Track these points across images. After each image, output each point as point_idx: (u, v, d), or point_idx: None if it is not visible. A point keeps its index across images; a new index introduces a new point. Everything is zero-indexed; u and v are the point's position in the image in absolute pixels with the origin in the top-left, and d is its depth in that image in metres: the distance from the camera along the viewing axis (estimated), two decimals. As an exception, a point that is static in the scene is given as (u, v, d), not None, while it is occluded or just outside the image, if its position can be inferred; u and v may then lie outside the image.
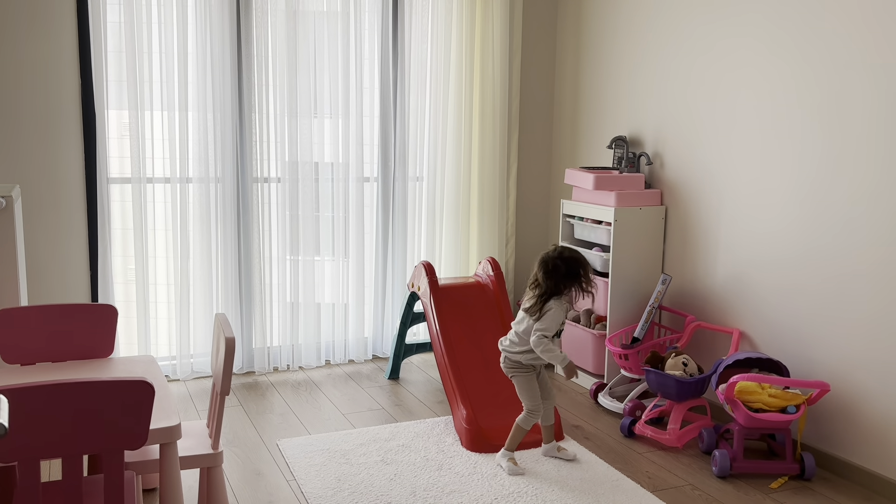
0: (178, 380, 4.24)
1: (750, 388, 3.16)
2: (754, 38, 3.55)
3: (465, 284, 4.07)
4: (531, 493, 3.00)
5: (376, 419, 3.76)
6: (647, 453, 3.43)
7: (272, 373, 4.43)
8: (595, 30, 4.61)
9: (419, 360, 4.69)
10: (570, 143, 4.89)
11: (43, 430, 1.89)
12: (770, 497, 3.05)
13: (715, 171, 3.81)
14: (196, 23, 4.04)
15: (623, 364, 3.83)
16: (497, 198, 4.80)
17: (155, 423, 2.18)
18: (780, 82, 3.43)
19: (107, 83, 3.95)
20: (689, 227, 3.98)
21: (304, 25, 4.27)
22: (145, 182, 4.06)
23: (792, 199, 3.41)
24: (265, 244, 4.34)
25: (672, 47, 4.04)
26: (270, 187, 4.34)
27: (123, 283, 4.19)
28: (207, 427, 2.71)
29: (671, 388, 3.44)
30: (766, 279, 3.55)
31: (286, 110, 4.28)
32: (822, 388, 3.12)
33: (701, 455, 3.42)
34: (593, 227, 4.18)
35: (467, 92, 4.66)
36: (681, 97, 4.00)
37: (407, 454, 3.33)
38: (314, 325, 4.49)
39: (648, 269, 4.11)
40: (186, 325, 4.21)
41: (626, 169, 4.22)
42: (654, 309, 3.88)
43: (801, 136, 3.35)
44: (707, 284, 3.88)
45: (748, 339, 3.65)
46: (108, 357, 2.81)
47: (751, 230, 3.62)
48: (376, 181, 4.60)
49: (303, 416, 3.77)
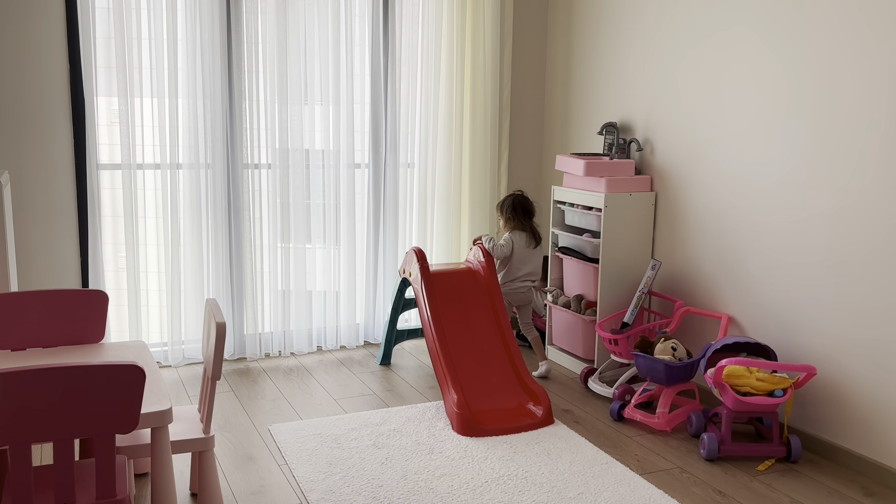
0: (170, 366, 4.25)
1: (738, 372, 3.19)
2: (746, 25, 3.56)
3: (456, 270, 4.09)
4: (521, 476, 3.03)
5: (368, 404, 3.78)
6: (637, 437, 3.46)
7: (264, 359, 4.44)
8: (586, 16, 4.61)
9: (410, 346, 4.71)
10: (561, 129, 4.90)
11: (34, 414, 1.90)
12: (757, 479, 3.08)
13: (705, 156, 3.83)
14: (185, 9, 4.02)
15: (613, 349, 3.85)
16: (488, 184, 4.81)
17: (146, 406, 2.19)
18: (771, 68, 3.45)
19: (95, 69, 3.93)
20: (679, 212, 4.00)
21: (295, 11, 4.26)
22: (135, 168, 4.05)
23: (781, 185, 3.43)
24: (256, 230, 4.34)
25: (663, 33, 4.04)
26: (261, 173, 4.34)
27: (114, 270, 4.19)
28: (199, 412, 2.72)
29: (660, 372, 3.47)
30: (755, 265, 3.58)
31: (276, 97, 4.27)
32: (809, 372, 3.15)
33: (689, 438, 3.45)
34: (584, 213, 4.20)
35: (458, 78, 4.66)
36: (671, 83, 4.01)
37: (398, 438, 3.35)
38: (306, 311, 4.50)
39: (638, 254, 4.13)
40: (177, 311, 4.21)
41: (617, 155, 4.24)
42: (643, 294, 3.90)
43: (791, 122, 3.37)
44: (696, 270, 3.90)
45: (736, 324, 3.68)
46: (99, 343, 2.82)
47: (740, 216, 3.64)
48: (367, 168, 4.60)
49: (294, 402, 3.79)
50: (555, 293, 4.42)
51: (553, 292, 4.42)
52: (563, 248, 4.39)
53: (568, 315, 4.30)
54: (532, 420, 3.50)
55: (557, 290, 4.44)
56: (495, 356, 3.78)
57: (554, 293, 4.42)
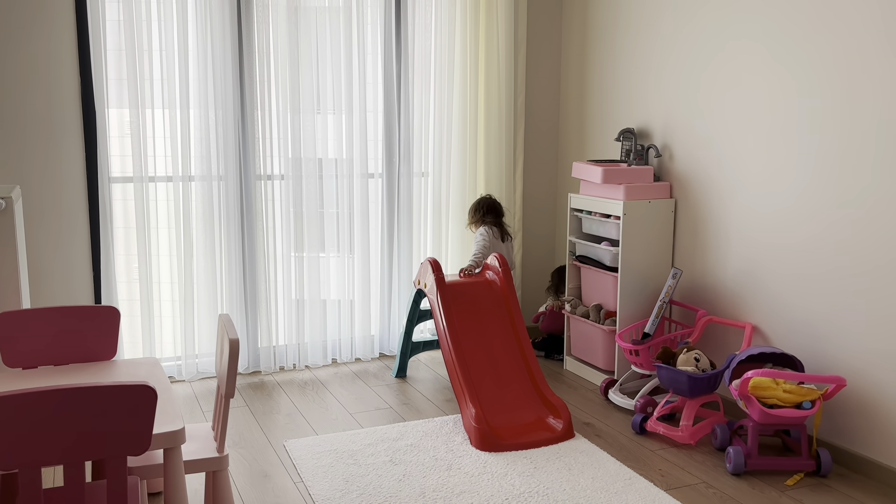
0: (184, 380, 4.20)
1: (764, 383, 3.10)
2: (767, 31, 3.48)
3: (471, 281, 4.02)
4: (542, 493, 2.95)
5: (384, 418, 3.71)
6: (660, 451, 3.38)
7: (278, 372, 4.39)
8: (601, 19, 4.54)
9: (426, 358, 4.64)
10: (577, 135, 4.82)
11: (43, 437, 1.84)
12: (786, 494, 2.99)
13: (725, 162, 3.74)
14: (196, 19, 3.99)
15: (634, 360, 3.77)
16: (503, 192, 4.74)
17: (158, 427, 2.13)
18: (794, 73, 3.36)
19: (106, 81, 3.90)
20: (700, 219, 3.92)
21: (306, 21, 4.22)
22: (147, 181, 4.02)
23: (805, 190, 3.34)
24: (269, 242, 4.30)
25: (682, 37, 3.97)
26: (274, 184, 4.29)
27: (127, 283, 4.15)
28: (213, 430, 2.67)
29: (683, 384, 3.38)
30: (779, 271, 3.48)
31: (288, 106, 4.22)
32: (838, 383, 3.06)
33: (714, 452, 3.36)
34: (602, 222, 4.12)
35: (472, 85, 4.60)
36: (691, 88, 3.93)
37: (415, 454, 3.28)
38: (320, 323, 4.45)
39: (658, 263, 4.05)
40: (191, 325, 4.17)
41: (635, 161, 4.16)
42: (664, 304, 3.82)
43: (814, 127, 3.28)
44: (718, 278, 3.82)
45: (761, 334, 3.59)
46: (111, 360, 2.77)
47: (762, 222, 3.56)
48: (381, 177, 4.55)
49: (310, 416, 3.73)
50: (573, 302, 4.34)
51: (571, 301, 4.35)
52: (580, 256, 4.31)
53: (587, 325, 4.22)
54: (552, 434, 3.42)
55: (575, 299, 4.37)
56: (513, 368, 3.71)
57: (572, 302, 4.34)
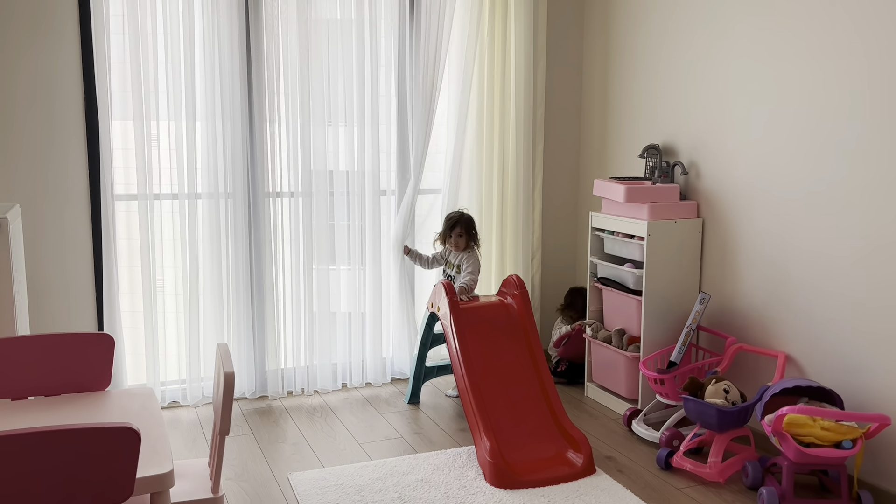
0: (188, 405, 4.05)
1: (800, 420, 2.88)
2: (799, 45, 3.28)
3: (487, 304, 3.84)
4: (561, 537, 2.75)
5: (394, 449, 3.53)
6: (686, 488, 3.17)
7: (286, 397, 4.22)
8: (624, 31, 4.36)
9: (440, 382, 4.45)
10: (598, 152, 4.63)
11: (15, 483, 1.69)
12: (825, 541, 2.78)
13: (756, 180, 3.54)
14: (203, 31, 3.86)
15: (659, 389, 3.57)
16: (521, 211, 4.56)
17: (144, 470, 1.96)
18: (825, 88, 3.16)
19: (110, 95, 3.77)
20: (729, 241, 3.71)
21: (317, 33, 4.07)
22: (152, 199, 3.88)
23: (842, 211, 3.13)
24: (278, 264, 4.14)
25: (709, 49, 3.78)
26: (282, 202, 4.15)
27: (130, 305, 4.01)
28: (209, 466, 2.50)
29: (712, 417, 3.17)
30: (815, 298, 3.27)
31: (298, 118, 4.08)
32: (882, 422, 2.83)
33: (745, 491, 3.14)
34: (625, 242, 3.93)
35: (489, 98, 4.43)
36: (718, 103, 3.73)
37: (426, 490, 3.09)
38: (329, 345, 4.28)
39: (685, 286, 3.84)
40: (196, 348, 4.02)
41: (660, 179, 3.97)
42: (691, 330, 3.61)
43: (850, 145, 3.08)
44: (749, 303, 3.60)
45: (795, 364, 3.37)
46: (105, 390, 2.62)
47: (796, 244, 3.34)
48: (393, 194, 4.39)
49: (316, 446, 3.56)
50: (594, 326, 4.14)
51: (592, 325, 4.15)
52: (602, 278, 4.12)
53: (609, 351, 4.02)
54: (572, 470, 3.23)
55: (597, 322, 4.17)
56: (531, 397, 3.52)
57: (593, 326, 4.14)
